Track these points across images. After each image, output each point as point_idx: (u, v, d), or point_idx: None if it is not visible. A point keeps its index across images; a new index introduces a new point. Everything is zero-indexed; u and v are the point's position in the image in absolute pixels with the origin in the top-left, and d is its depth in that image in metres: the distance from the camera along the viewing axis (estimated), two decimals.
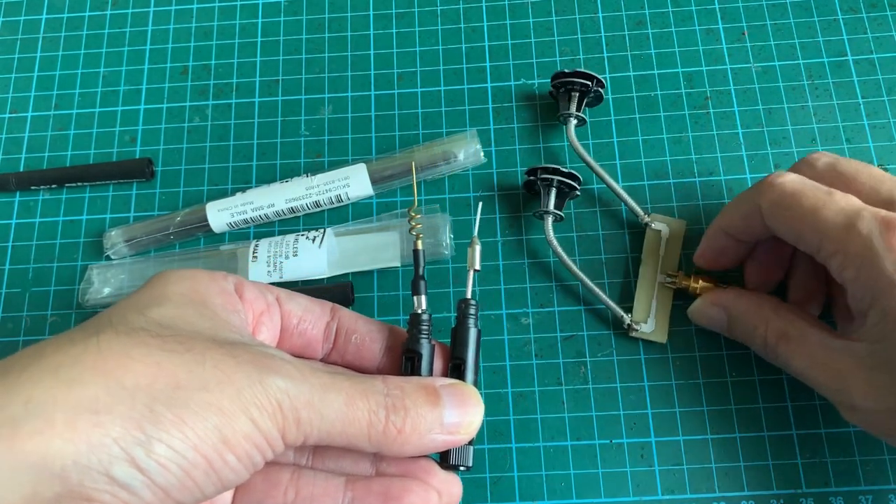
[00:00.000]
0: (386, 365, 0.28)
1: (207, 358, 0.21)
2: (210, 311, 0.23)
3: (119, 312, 0.22)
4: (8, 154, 0.41)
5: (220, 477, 0.20)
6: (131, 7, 0.44)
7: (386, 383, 0.24)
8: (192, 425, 0.19)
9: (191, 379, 0.20)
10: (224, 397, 0.20)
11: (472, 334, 0.27)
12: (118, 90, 0.42)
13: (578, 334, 0.35)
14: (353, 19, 0.42)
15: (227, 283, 0.25)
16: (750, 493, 0.32)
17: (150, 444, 0.19)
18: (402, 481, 0.25)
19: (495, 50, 0.41)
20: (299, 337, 0.27)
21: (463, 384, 0.25)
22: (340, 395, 0.22)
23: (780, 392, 0.33)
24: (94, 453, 0.18)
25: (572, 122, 0.37)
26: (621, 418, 0.34)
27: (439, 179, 0.38)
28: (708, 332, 0.34)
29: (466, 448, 0.26)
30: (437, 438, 0.24)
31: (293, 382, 0.21)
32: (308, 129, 0.40)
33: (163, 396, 0.19)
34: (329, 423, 0.22)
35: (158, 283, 0.24)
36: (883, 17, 0.40)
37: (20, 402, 0.18)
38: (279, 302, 0.27)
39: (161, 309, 0.22)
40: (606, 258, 0.36)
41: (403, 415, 0.23)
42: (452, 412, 0.24)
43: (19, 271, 0.38)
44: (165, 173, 0.40)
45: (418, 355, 0.26)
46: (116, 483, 0.18)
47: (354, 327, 0.28)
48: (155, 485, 0.19)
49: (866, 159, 0.37)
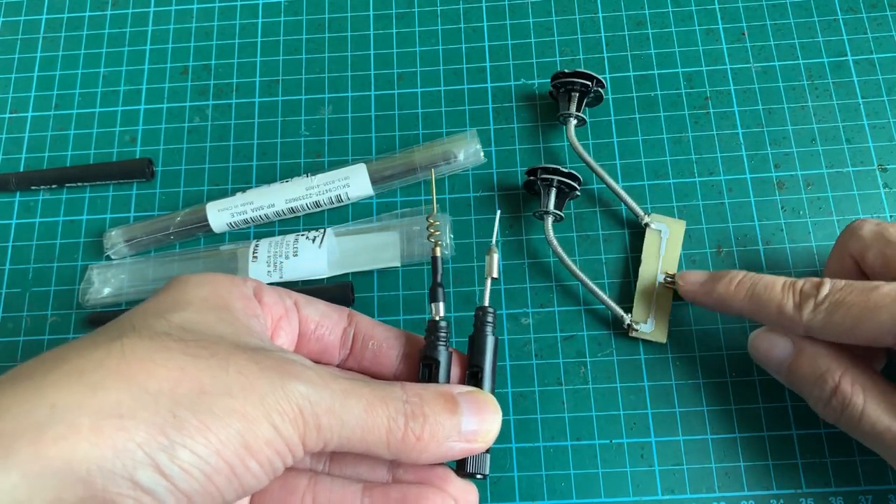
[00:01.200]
0: (403, 372, 0.27)
1: (231, 363, 0.20)
2: (231, 316, 0.23)
3: (141, 316, 0.22)
4: (8, 154, 0.41)
5: (241, 483, 0.20)
6: (131, 7, 0.44)
7: (405, 390, 0.24)
8: (215, 431, 0.19)
9: (215, 384, 0.20)
10: (248, 403, 0.20)
11: (490, 342, 0.27)
12: (118, 90, 0.42)
13: (578, 334, 0.35)
14: (353, 19, 0.42)
15: (246, 288, 0.25)
16: (750, 493, 0.32)
17: (174, 450, 0.19)
18: (419, 488, 0.25)
19: (495, 50, 0.41)
20: (316, 342, 0.27)
21: (480, 392, 0.25)
22: (361, 402, 0.22)
23: (780, 392, 0.33)
24: (119, 458, 0.18)
25: (572, 122, 0.37)
26: (621, 418, 0.34)
27: (439, 179, 0.38)
28: (708, 333, 0.34)
29: (483, 456, 0.26)
30: (455, 446, 0.24)
31: (314, 388, 0.21)
32: (308, 129, 0.40)
33: (186, 401, 0.19)
34: (349, 430, 0.22)
35: (178, 288, 0.24)
36: (883, 17, 0.40)
37: (45, 407, 0.18)
38: (297, 307, 0.27)
39: (183, 313, 0.22)
40: (606, 258, 0.36)
41: (422, 422, 0.23)
42: (470, 420, 0.24)
43: (19, 271, 0.38)
44: (165, 173, 0.40)
45: (436, 362, 0.26)
46: (140, 488, 0.18)
47: (372, 333, 0.28)
48: (178, 490, 0.19)
49: (866, 159, 0.37)
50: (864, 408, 0.26)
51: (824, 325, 0.27)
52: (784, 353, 0.29)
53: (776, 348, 0.29)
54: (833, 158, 0.37)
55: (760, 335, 0.30)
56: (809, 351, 0.28)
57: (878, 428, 0.26)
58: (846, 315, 0.26)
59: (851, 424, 0.27)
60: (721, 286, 0.30)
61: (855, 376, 0.27)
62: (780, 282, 0.29)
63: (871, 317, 0.25)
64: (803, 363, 0.28)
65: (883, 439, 0.26)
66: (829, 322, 0.26)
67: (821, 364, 0.27)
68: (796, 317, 0.27)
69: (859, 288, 0.26)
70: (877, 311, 0.25)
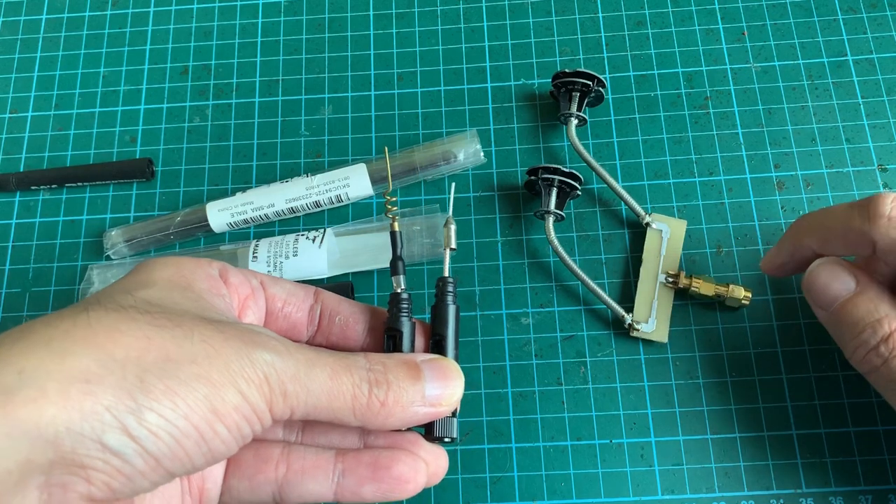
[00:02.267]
0: (370, 344, 0.28)
1: (195, 333, 0.21)
2: (195, 295, 0.24)
3: (106, 293, 0.23)
4: (8, 154, 0.41)
5: (210, 448, 0.20)
6: (131, 7, 0.44)
7: (368, 359, 0.24)
8: (182, 395, 0.19)
9: (180, 352, 0.20)
10: (213, 369, 0.20)
11: (451, 311, 0.27)
12: (118, 90, 0.42)
13: (578, 334, 0.35)
14: (353, 19, 0.42)
15: (211, 269, 0.25)
16: (750, 493, 0.32)
17: (142, 413, 0.19)
18: (391, 452, 0.25)
19: (495, 50, 0.41)
20: (284, 320, 0.27)
21: (443, 359, 0.26)
22: (325, 370, 0.23)
23: (780, 392, 0.33)
24: (87, 421, 0.18)
25: (573, 121, 0.37)
26: (621, 418, 0.34)
27: (439, 179, 0.38)
28: (708, 333, 0.34)
29: (450, 420, 0.26)
30: (420, 411, 0.24)
31: (279, 356, 0.22)
32: (308, 129, 0.40)
33: (153, 368, 0.19)
34: (315, 397, 0.22)
35: (143, 270, 0.24)
36: (883, 17, 0.40)
37: (13, 373, 0.18)
38: (263, 286, 0.27)
39: (148, 290, 0.23)
40: (606, 258, 0.36)
41: (386, 388, 0.23)
42: (434, 385, 0.24)
43: (19, 271, 0.38)
44: (165, 173, 0.40)
45: (399, 333, 0.27)
46: (109, 450, 0.18)
47: (338, 309, 0.28)
48: (147, 453, 0.19)
49: (866, 159, 0.37)
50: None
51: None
52: (843, 289, 0.28)
53: (837, 281, 0.28)
54: (833, 158, 0.37)
55: (823, 266, 0.29)
56: (872, 292, 0.27)
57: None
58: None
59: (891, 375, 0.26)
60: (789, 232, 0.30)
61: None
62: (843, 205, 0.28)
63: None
64: (861, 303, 0.27)
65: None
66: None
67: (881, 308, 0.27)
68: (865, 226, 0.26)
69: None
70: None
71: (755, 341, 0.34)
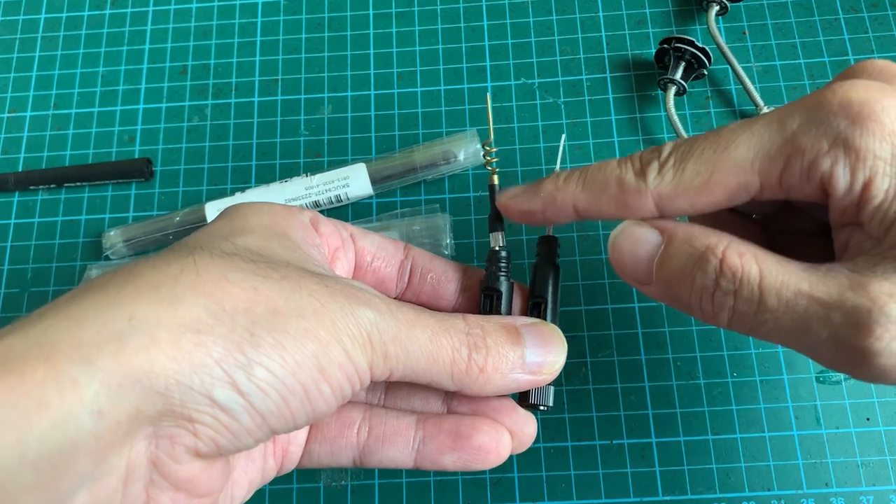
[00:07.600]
0: (462, 305, 0.27)
1: (302, 286, 0.20)
2: (293, 244, 0.23)
3: (206, 238, 0.22)
4: (6, 154, 0.41)
5: (313, 407, 0.20)
6: (130, 6, 0.44)
7: (467, 321, 0.23)
8: (291, 351, 0.19)
9: (288, 305, 0.19)
10: (320, 326, 0.19)
11: (552, 273, 0.26)
12: (117, 90, 0.42)
13: (579, 334, 0.35)
14: (353, 18, 0.42)
15: (304, 217, 0.25)
16: (751, 493, 0.32)
17: (251, 368, 0.18)
18: (473, 420, 0.24)
19: (495, 49, 0.41)
20: (373, 275, 0.26)
21: (544, 323, 0.25)
22: (426, 332, 0.22)
23: (780, 392, 0.33)
24: (197, 374, 0.17)
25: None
26: (622, 419, 0.34)
27: (439, 179, 0.38)
28: (708, 332, 0.34)
29: (547, 388, 0.25)
30: (520, 378, 0.23)
31: (382, 316, 0.21)
32: (307, 128, 0.40)
33: (262, 321, 0.19)
34: (414, 360, 0.21)
35: (237, 216, 0.23)
36: (884, 17, 0.40)
37: (124, 319, 0.17)
38: (353, 238, 0.26)
39: (247, 238, 0.22)
40: (606, 258, 0.36)
41: (485, 353, 0.22)
42: (534, 352, 0.23)
43: (18, 271, 0.38)
44: (164, 173, 0.40)
45: (498, 293, 0.25)
46: (218, 405, 0.18)
47: (430, 266, 0.27)
48: (254, 409, 0.18)
49: None
50: (762, 277, 0.20)
51: (677, 186, 0.21)
52: (652, 244, 0.22)
53: (642, 241, 0.23)
54: None
55: (622, 233, 0.23)
56: (682, 232, 0.22)
57: (786, 294, 0.19)
58: (699, 162, 0.21)
59: (751, 306, 0.20)
60: (547, 184, 0.24)
61: (741, 247, 0.21)
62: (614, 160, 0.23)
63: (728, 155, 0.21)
64: (675, 249, 0.22)
65: (795, 306, 0.19)
66: (682, 179, 0.21)
67: (697, 243, 0.21)
68: (641, 185, 0.22)
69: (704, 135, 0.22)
70: (732, 148, 0.21)
71: (756, 342, 0.34)
